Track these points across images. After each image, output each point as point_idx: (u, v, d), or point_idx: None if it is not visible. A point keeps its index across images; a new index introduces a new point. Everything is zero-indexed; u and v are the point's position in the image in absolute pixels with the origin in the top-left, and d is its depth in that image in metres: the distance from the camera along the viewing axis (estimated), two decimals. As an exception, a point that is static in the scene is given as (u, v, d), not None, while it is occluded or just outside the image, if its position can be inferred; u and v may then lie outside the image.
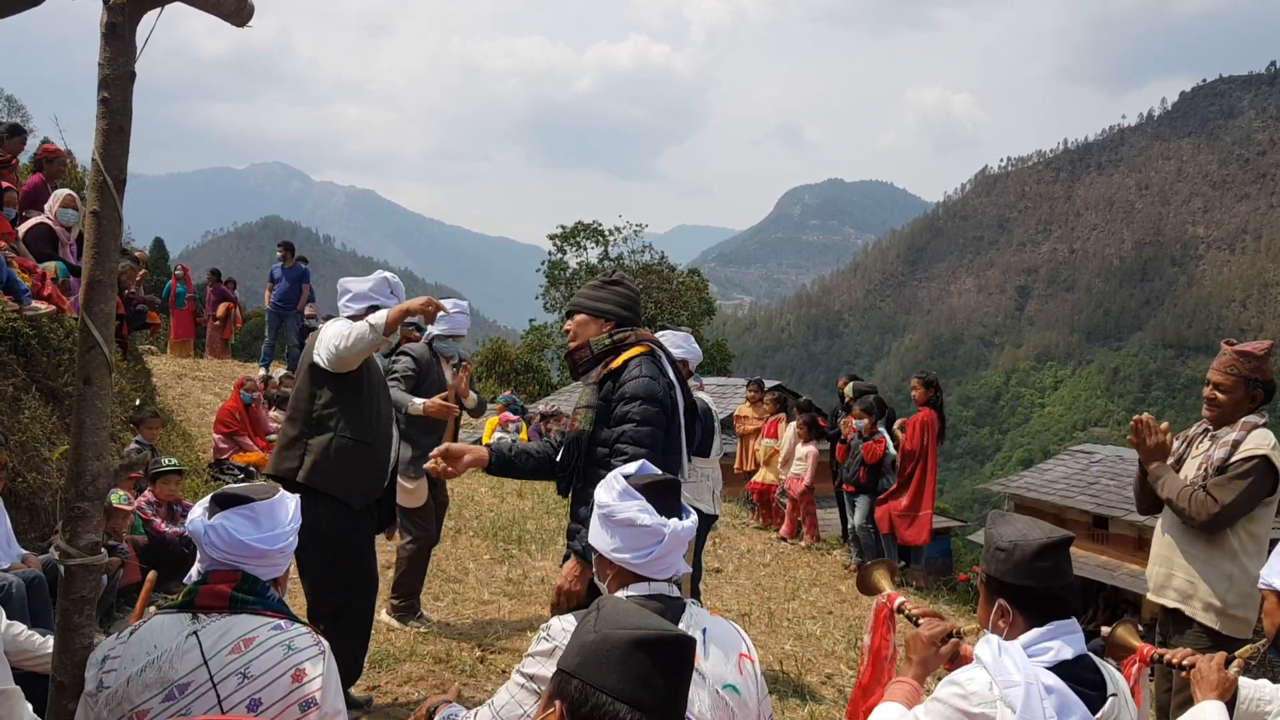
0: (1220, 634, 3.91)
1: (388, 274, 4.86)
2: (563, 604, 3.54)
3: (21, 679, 3.00)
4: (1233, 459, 3.98)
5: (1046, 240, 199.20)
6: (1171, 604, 4.13)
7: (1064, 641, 2.38)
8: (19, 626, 3.58)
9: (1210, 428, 4.19)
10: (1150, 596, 4.27)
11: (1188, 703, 3.61)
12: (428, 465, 3.85)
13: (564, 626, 2.34)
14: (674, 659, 1.68)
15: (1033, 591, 2.42)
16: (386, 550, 6.68)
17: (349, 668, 4.57)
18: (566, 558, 3.70)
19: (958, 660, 2.60)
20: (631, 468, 2.58)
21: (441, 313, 5.31)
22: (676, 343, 5.71)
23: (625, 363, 3.68)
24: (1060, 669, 2.33)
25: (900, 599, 3.19)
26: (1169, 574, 4.15)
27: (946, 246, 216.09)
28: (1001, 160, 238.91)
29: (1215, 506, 3.92)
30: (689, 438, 3.89)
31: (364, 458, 4.48)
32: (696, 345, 5.95)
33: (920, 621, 2.80)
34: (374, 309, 4.58)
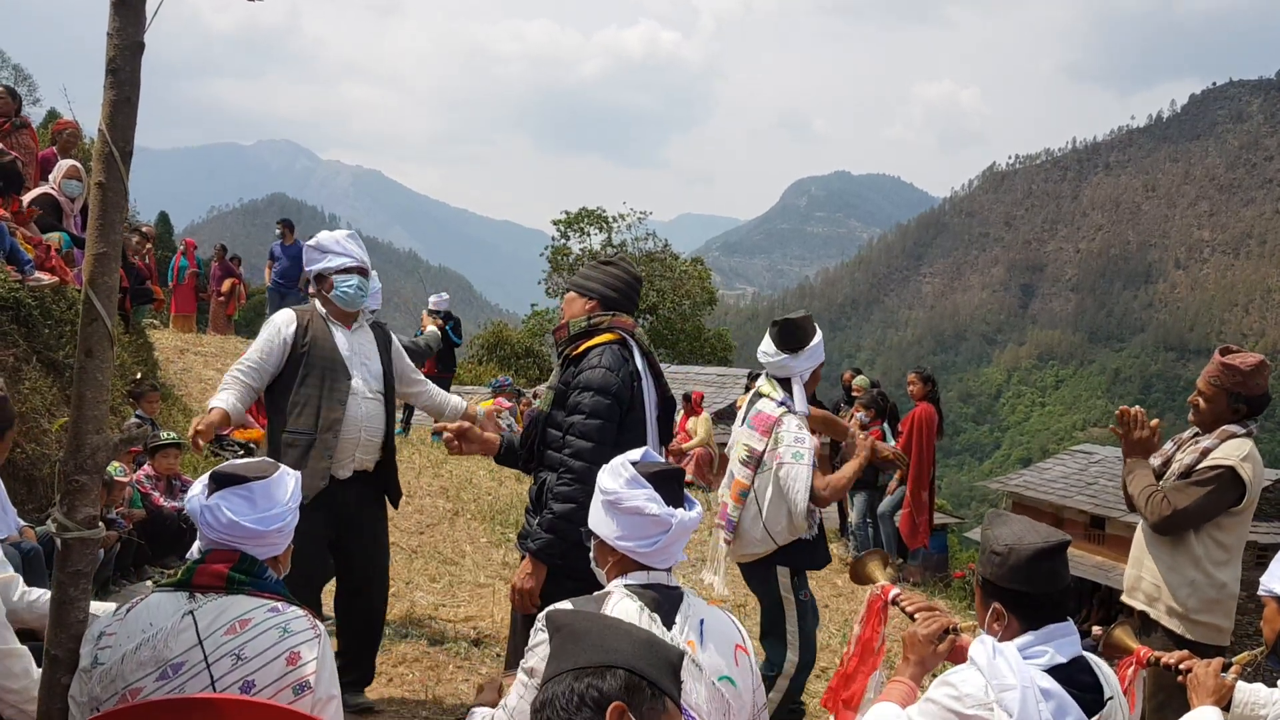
0: (1185, 639, 3.88)
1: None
2: (517, 602, 3.53)
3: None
4: (1199, 466, 3.95)
5: (1052, 239, 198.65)
6: (1139, 606, 4.13)
7: (1059, 645, 2.37)
8: (36, 592, 3.46)
9: (1200, 432, 4.17)
10: (1123, 597, 4.28)
11: (1164, 706, 3.62)
12: (445, 434, 3.86)
13: None
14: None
15: (1028, 596, 2.40)
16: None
17: (358, 671, 4.49)
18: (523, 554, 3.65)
19: (955, 656, 2.60)
20: (636, 454, 2.56)
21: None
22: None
23: (587, 350, 3.64)
24: (1055, 672, 2.32)
25: (895, 591, 3.18)
26: (1139, 576, 4.15)
27: (952, 242, 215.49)
28: (1010, 158, 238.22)
29: (1168, 510, 3.90)
30: (663, 430, 3.85)
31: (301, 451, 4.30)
32: None
33: (916, 616, 2.78)
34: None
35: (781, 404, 4.54)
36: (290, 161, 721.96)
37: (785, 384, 4.62)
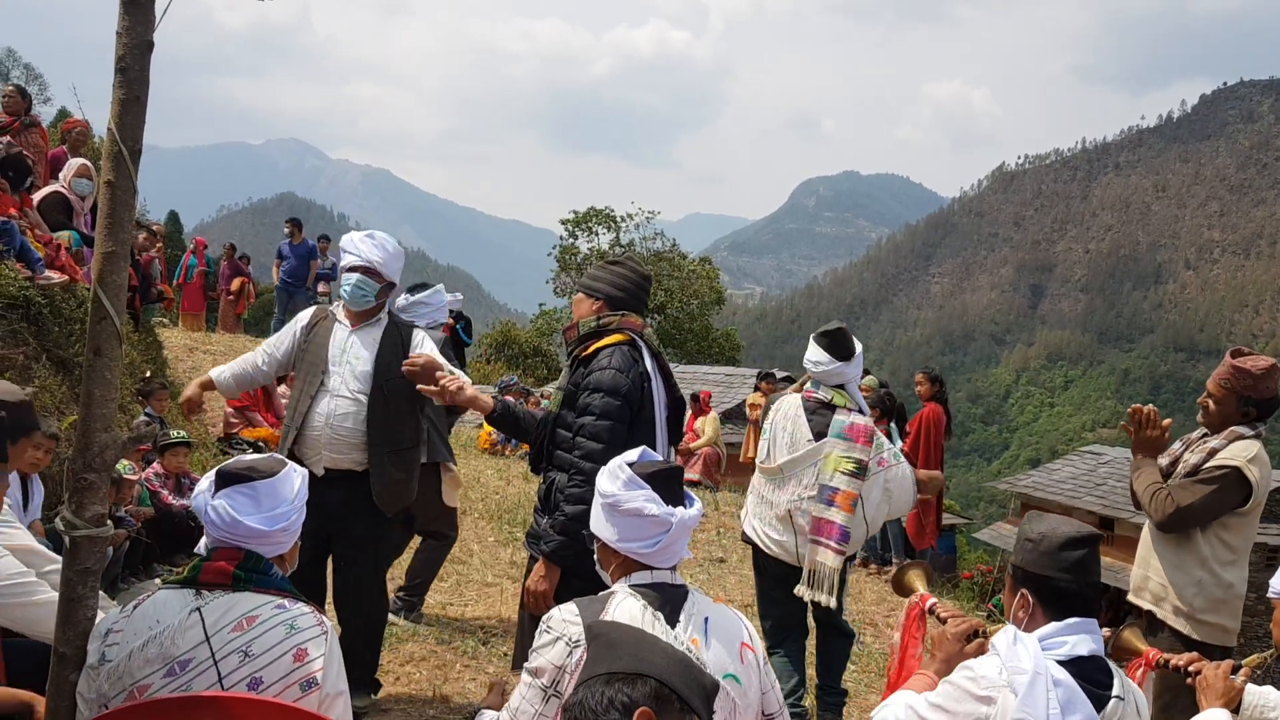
0: (1192, 639, 3.87)
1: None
2: (532, 603, 3.53)
3: (23, 648, 2.98)
4: (1205, 465, 3.95)
5: (1062, 239, 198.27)
6: (1146, 606, 4.12)
7: (1080, 639, 2.37)
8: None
9: (1209, 433, 4.15)
10: (1129, 597, 4.27)
11: (1170, 706, 3.60)
12: (441, 381, 3.88)
13: (564, 617, 2.33)
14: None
15: (1055, 583, 2.42)
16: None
17: (360, 669, 4.42)
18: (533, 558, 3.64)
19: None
20: (633, 454, 2.55)
21: (421, 305, 5.36)
22: None
23: (597, 351, 3.64)
24: (1073, 665, 2.32)
25: (932, 600, 3.19)
26: (1145, 576, 4.14)
27: (961, 242, 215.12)
28: (1019, 158, 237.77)
29: (1171, 507, 3.91)
30: (673, 431, 3.85)
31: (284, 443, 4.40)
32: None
33: (948, 621, 2.81)
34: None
35: (861, 411, 4.83)
36: (299, 160, 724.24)
37: (840, 390, 4.88)
